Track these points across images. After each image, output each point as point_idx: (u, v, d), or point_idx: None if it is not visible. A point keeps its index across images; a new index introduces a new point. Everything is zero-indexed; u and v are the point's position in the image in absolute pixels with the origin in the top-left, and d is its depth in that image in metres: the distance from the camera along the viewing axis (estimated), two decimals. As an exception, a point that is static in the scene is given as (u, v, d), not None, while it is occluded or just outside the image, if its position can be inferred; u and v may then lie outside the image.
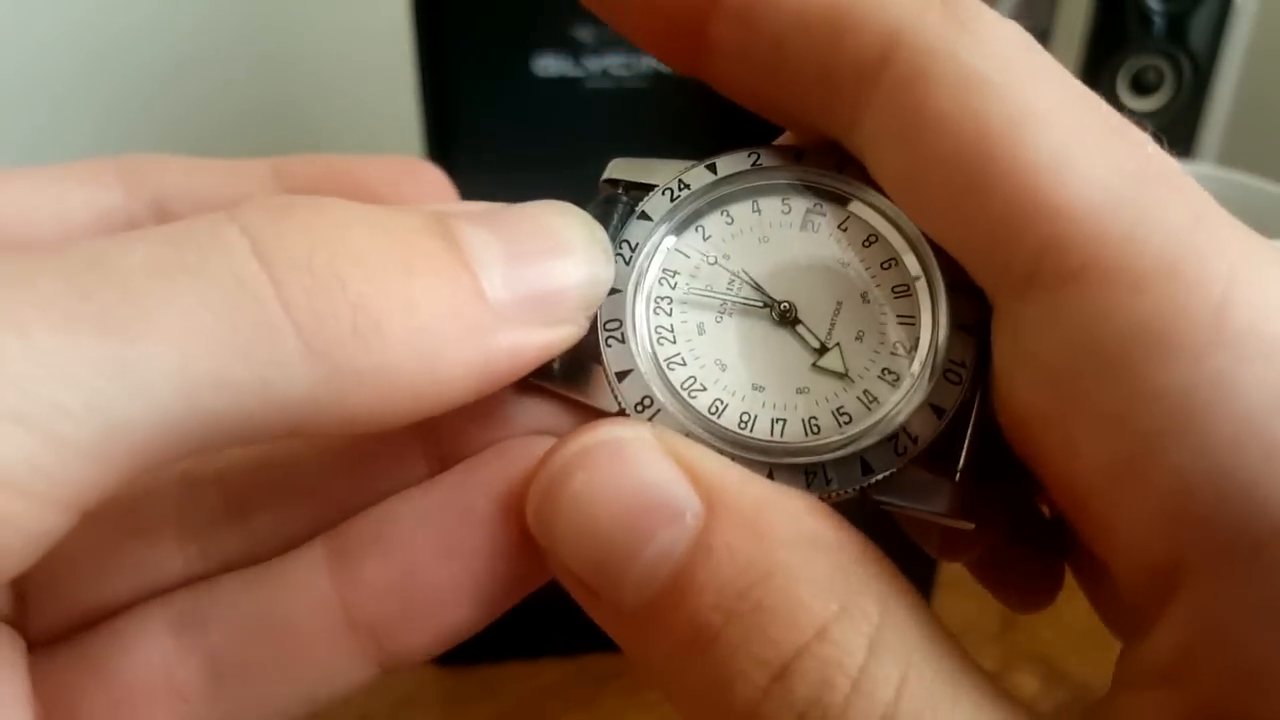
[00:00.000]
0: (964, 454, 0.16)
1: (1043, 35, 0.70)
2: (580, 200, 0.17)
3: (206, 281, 0.12)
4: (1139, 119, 0.54)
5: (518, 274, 0.14)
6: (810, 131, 0.17)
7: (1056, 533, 0.18)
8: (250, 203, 0.13)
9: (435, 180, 0.19)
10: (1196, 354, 0.12)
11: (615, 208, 0.18)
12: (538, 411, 0.17)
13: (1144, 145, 0.14)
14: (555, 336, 0.15)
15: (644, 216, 0.17)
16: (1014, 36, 0.15)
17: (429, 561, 0.16)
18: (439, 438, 0.17)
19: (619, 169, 0.18)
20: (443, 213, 0.14)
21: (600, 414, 0.16)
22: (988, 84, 0.14)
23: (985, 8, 0.15)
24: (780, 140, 0.19)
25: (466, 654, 0.38)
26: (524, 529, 0.16)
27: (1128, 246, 0.13)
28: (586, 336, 0.16)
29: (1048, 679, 0.48)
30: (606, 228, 0.17)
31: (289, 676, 0.15)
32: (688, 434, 0.16)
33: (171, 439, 0.12)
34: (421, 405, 0.14)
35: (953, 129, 0.14)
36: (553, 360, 0.16)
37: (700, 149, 0.17)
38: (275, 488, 0.17)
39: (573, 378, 0.17)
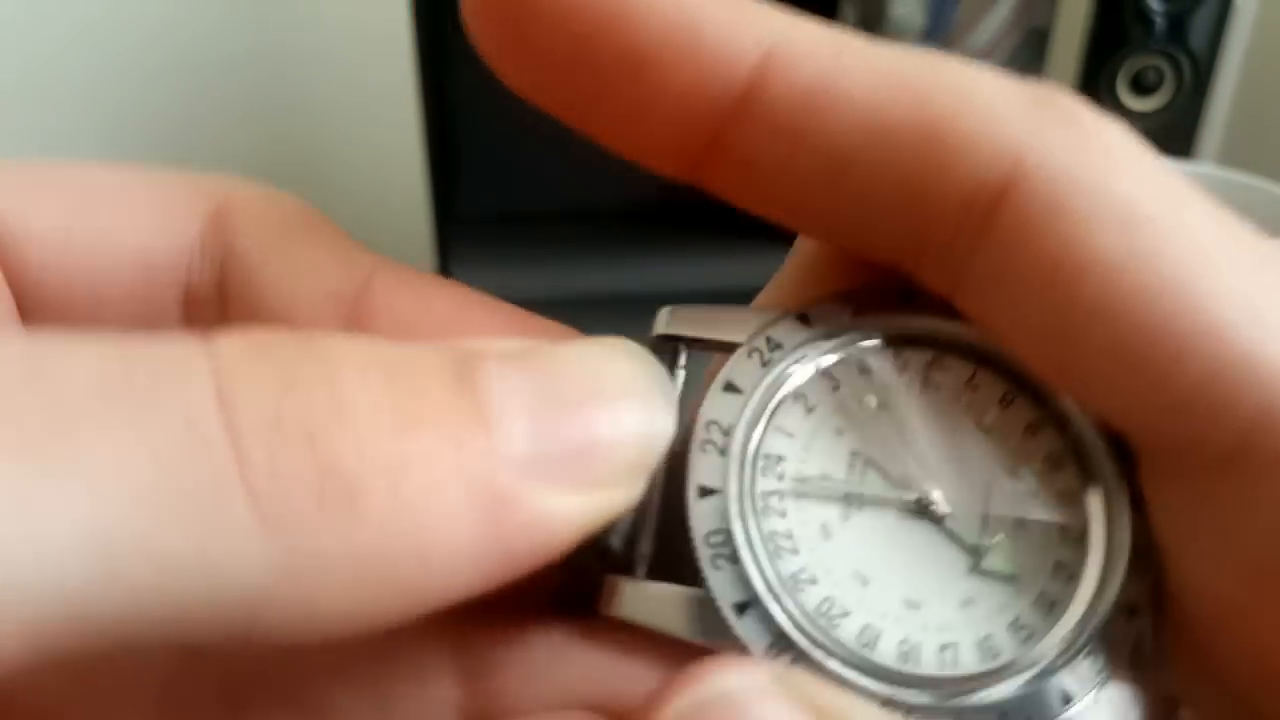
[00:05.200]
0: (1155, 653, 0.13)
1: (1042, 35, 0.70)
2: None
3: (153, 417, 0.10)
4: (1139, 119, 0.54)
5: (548, 425, 0.12)
6: (864, 255, 0.14)
7: None
8: (234, 333, 0.11)
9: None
10: None
11: (677, 370, 0.14)
12: (601, 657, 0.13)
13: None
14: (596, 503, 0.12)
15: (731, 388, 0.14)
16: (1146, 148, 0.12)
17: None
18: (470, 649, 0.13)
19: (676, 322, 0.14)
20: (468, 351, 0.12)
21: (704, 653, 0.13)
22: (1150, 218, 0.11)
23: (1101, 116, 0.12)
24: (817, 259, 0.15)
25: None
26: None
27: None
28: (658, 511, 0.13)
29: None
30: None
31: None
32: (838, 680, 0.13)
33: (81, 617, 0.09)
34: (416, 598, 0.11)
35: (1117, 277, 0.11)
36: (608, 534, 0.13)
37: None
38: (279, 690, 0.13)
39: (650, 565, 0.13)
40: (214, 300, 0.15)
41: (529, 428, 0.11)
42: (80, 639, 0.09)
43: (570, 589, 0.14)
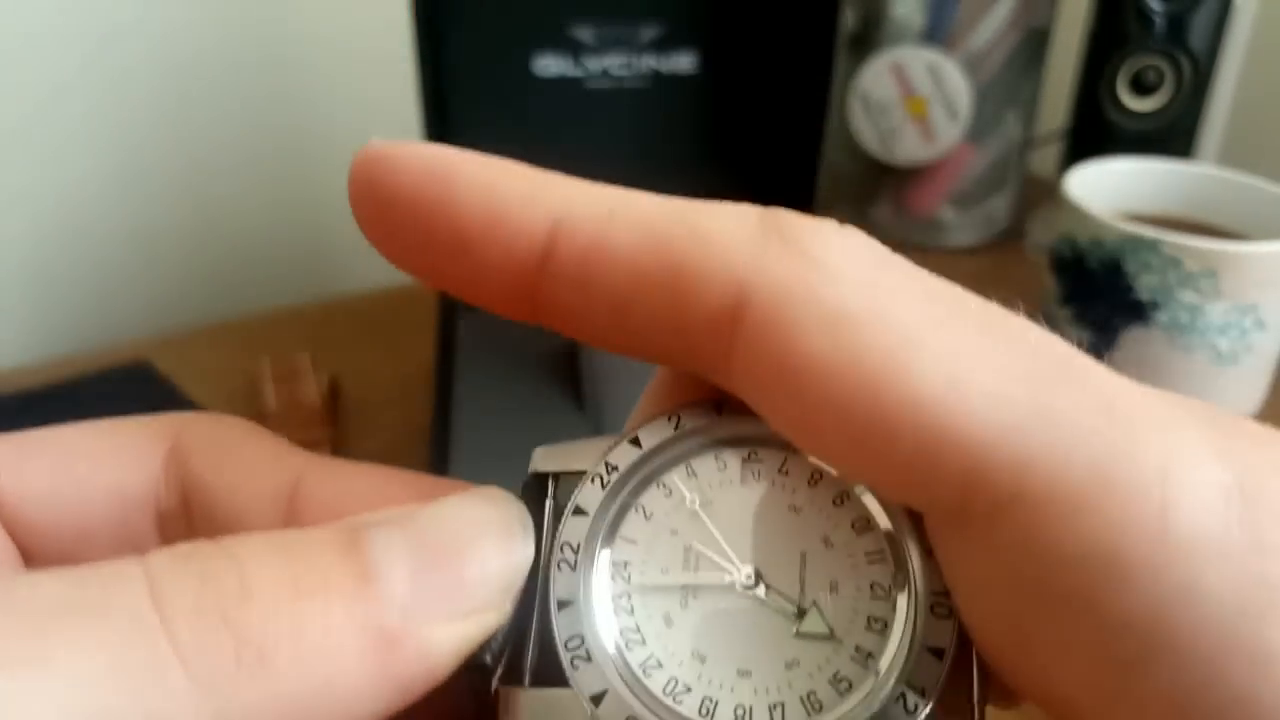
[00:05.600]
0: (976, 693, 0.14)
1: (1042, 35, 0.70)
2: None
3: (104, 620, 0.12)
4: (1139, 119, 0.54)
5: (424, 570, 0.14)
6: (671, 366, 0.16)
7: None
8: (160, 549, 0.14)
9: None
10: (1153, 571, 0.12)
11: (544, 504, 0.17)
12: None
13: (1026, 334, 0.14)
14: (471, 629, 0.14)
15: (579, 511, 0.16)
16: (861, 252, 0.14)
17: None
18: None
19: (543, 460, 0.17)
20: (355, 523, 0.15)
21: None
22: (851, 316, 0.13)
23: (823, 226, 0.14)
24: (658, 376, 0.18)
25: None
26: None
27: (1053, 464, 0.12)
28: (528, 622, 0.16)
29: None
30: (539, 526, 0.16)
31: None
32: None
33: None
34: None
35: (829, 372, 0.13)
36: (483, 652, 0.15)
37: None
38: None
39: (533, 674, 0.16)
40: (181, 516, 0.18)
41: (408, 575, 0.14)
42: None
43: (475, 704, 0.16)
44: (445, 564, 0.14)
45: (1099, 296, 0.49)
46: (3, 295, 0.67)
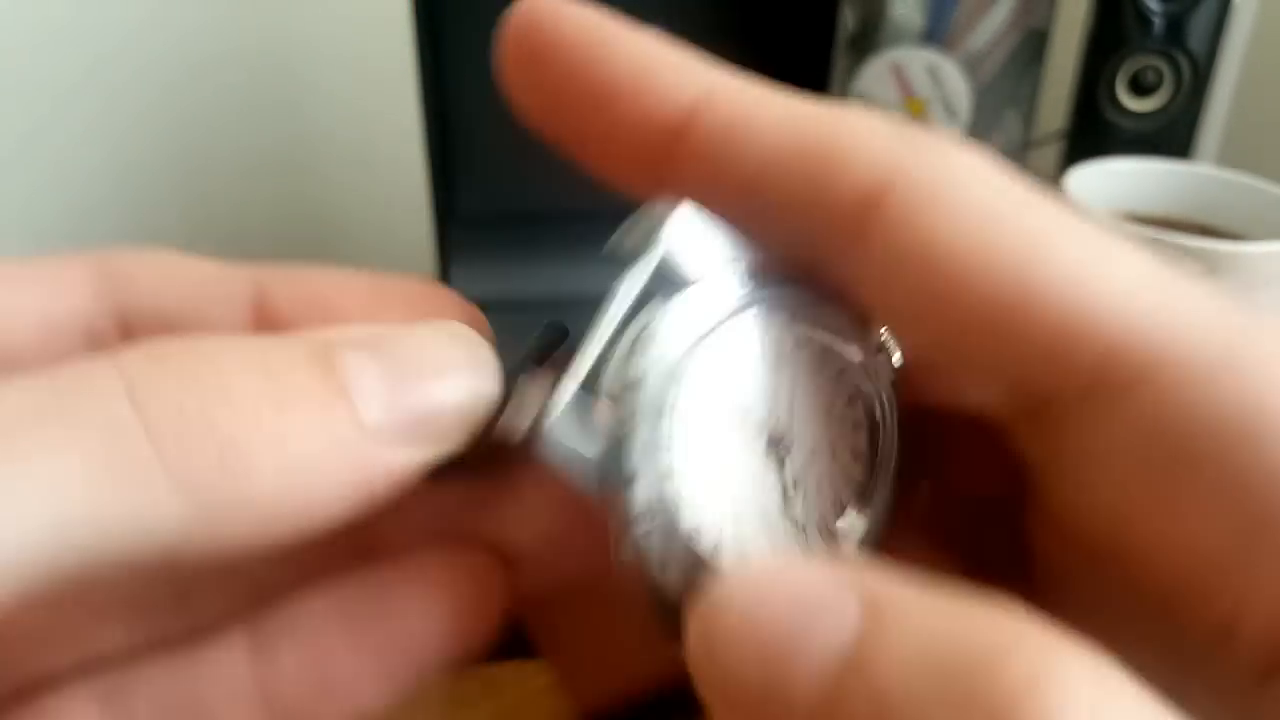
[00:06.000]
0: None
1: (1042, 35, 0.70)
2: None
3: (80, 423, 0.12)
4: (1138, 119, 0.54)
5: (395, 398, 0.15)
6: (785, 249, 0.17)
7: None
8: (133, 348, 0.14)
9: (436, 304, 0.18)
10: None
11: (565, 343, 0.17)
12: (449, 501, 0.18)
13: (1141, 250, 0.15)
14: (434, 454, 0.15)
15: (638, 345, 0.16)
16: (994, 164, 0.15)
17: (341, 653, 0.16)
18: (363, 531, 0.17)
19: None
20: (328, 340, 0.15)
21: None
22: (993, 211, 0.14)
23: (957, 141, 0.15)
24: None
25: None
26: (427, 620, 0.17)
27: (1187, 341, 0.14)
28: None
29: None
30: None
31: None
32: (667, 552, 0.16)
33: (42, 575, 0.12)
34: (301, 528, 0.14)
35: (971, 259, 0.14)
36: (509, 433, 0.16)
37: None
38: (217, 576, 0.18)
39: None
40: (119, 342, 0.17)
41: (381, 400, 0.15)
42: (48, 585, 0.12)
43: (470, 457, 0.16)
44: (414, 391, 0.15)
45: (1098, 296, 0.49)
46: (3, 296, 0.67)
